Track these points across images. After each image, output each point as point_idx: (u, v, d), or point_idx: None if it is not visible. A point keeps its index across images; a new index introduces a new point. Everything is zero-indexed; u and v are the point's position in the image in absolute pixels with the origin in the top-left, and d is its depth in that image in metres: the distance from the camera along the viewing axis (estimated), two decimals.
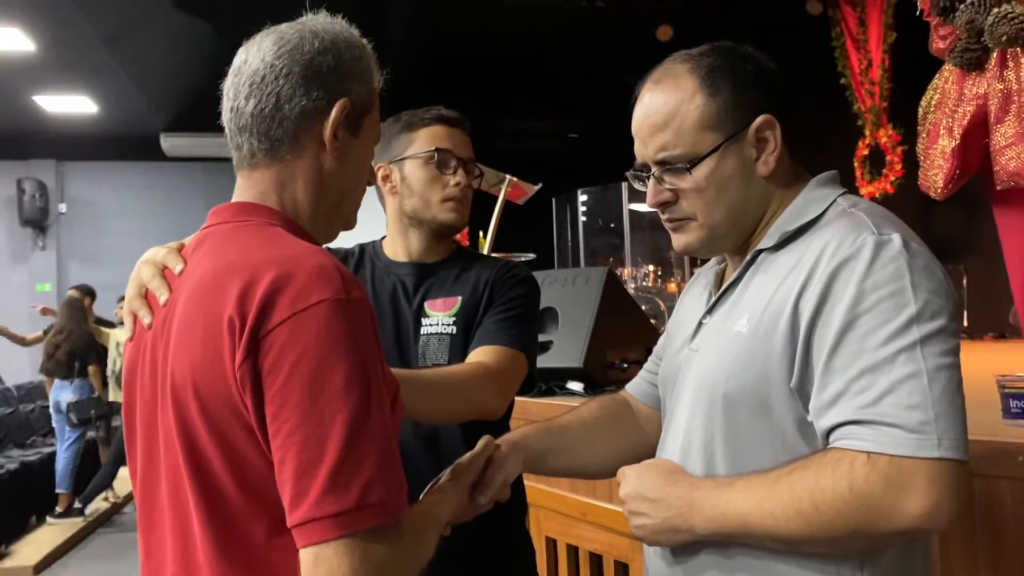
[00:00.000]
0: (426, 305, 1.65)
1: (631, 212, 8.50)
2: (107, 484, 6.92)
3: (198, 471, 0.94)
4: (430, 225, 1.67)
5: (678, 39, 7.70)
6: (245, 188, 1.08)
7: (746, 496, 1.01)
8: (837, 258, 1.00)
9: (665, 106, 1.14)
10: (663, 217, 1.19)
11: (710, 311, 1.19)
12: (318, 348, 0.88)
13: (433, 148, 1.65)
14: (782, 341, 1.03)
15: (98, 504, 6.92)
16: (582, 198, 8.94)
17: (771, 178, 1.14)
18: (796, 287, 1.03)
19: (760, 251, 1.13)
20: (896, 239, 1.00)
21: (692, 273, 8.22)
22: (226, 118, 1.08)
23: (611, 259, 8.61)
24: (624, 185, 8.51)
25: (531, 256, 5.26)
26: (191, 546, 0.97)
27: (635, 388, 1.45)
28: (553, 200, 8.96)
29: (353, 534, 0.85)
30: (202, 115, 9.99)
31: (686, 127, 1.12)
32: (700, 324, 1.21)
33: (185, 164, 10.46)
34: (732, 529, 1.03)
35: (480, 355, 1.54)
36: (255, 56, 1.05)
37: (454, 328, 1.62)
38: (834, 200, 1.11)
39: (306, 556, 0.86)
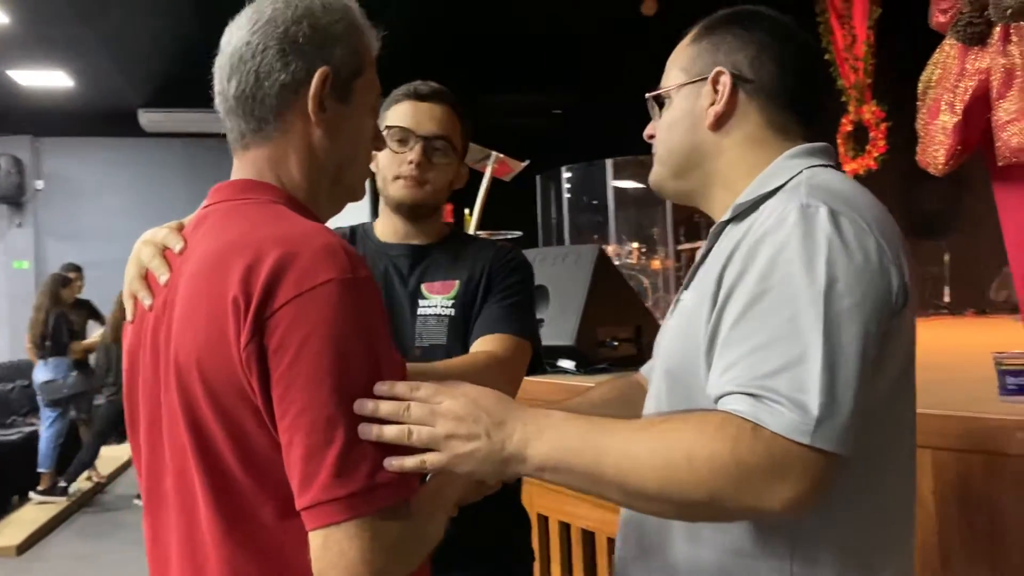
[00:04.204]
0: (423, 287, 1.65)
1: (616, 189, 8.48)
2: (89, 463, 6.88)
3: (204, 453, 0.92)
4: (389, 203, 1.68)
5: (663, 13, 7.65)
6: (242, 168, 1.05)
7: (608, 433, 0.94)
8: (762, 229, 0.97)
9: (676, 50, 1.21)
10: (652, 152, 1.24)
11: (686, 286, 1.18)
12: (325, 329, 0.86)
13: (385, 126, 1.64)
14: (707, 314, 1.01)
15: (80, 484, 6.88)
16: (566, 175, 8.91)
17: (726, 136, 1.12)
18: (724, 259, 1.01)
19: (725, 225, 1.11)
20: (822, 211, 0.94)
21: (676, 251, 8.27)
22: (216, 101, 1.05)
23: (595, 236, 8.61)
24: (609, 162, 8.50)
25: (518, 233, 5.24)
26: (197, 529, 0.95)
27: (646, 368, 1.45)
28: (537, 177, 8.93)
29: (363, 516, 0.84)
30: (181, 90, 9.88)
31: (673, 65, 1.20)
32: (679, 300, 1.20)
33: (164, 140, 10.31)
34: (579, 465, 0.93)
35: (487, 344, 1.54)
36: (236, 35, 1.02)
37: (452, 311, 1.63)
38: (799, 172, 1.06)
39: (316, 539, 0.85)
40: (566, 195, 8.98)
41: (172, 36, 7.59)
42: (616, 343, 2.78)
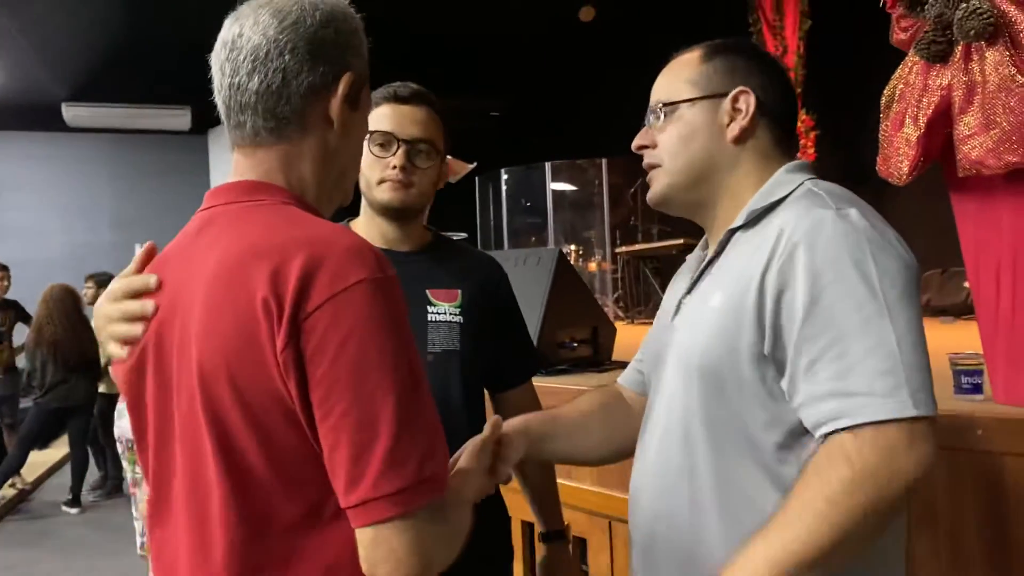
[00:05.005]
0: (429, 293, 1.66)
1: (554, 192, 8.57)
2: (15, 470, 6.61)
3: (228, 458, 0.92)
4: (374, 207, 1.67)
5: (600, 20, 7.75)
6: (248, 167, 1.04)
7: (771, 536, 0.99)
8: (798, 233, 1.06)
9: (674, 67, 1.28)
10: (644, 164, 1.29)
11: (690, 291, 1.26)
12: (362, 329, 0.87)
13: (368, 130, 1.64)
14: (751, 314, 1.08)
15: (5, 490, 6.61)
16: (505, 177, 8.96)
17: (743, 150, 1.22)
18: (762, 263, 1.08)
19: (734, 231, 1.19)
20: (853, 212, 1.07)
21: (614, 253, 8.36)
22: (222, 95, 1.03)
23: (533, 238, 8.68)
24: (547, 165, 8.58)
25: (464, 235, 5.25)
26: (210, 537, 0.94)
27: (626, 379, 1.50)
28: (476, 179, 8.95)
29: (412, 511, 0.86)
30: (107, 84, 9.59)
31: (676, 79, 1.26)
32: (681, 303, 1.27)
33: (89, 135, 9.97)
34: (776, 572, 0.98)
35: (523, 401, 1.76)
36: (253, 30, 1.00)
37: (461, 319, 1.66)
38: (801, 183, 1.17)
39: (364, 536, 0.87)
40: (505, 197, 9.03)
41: (100, 26, 7.35)
42: (575, 344, 2.82)
